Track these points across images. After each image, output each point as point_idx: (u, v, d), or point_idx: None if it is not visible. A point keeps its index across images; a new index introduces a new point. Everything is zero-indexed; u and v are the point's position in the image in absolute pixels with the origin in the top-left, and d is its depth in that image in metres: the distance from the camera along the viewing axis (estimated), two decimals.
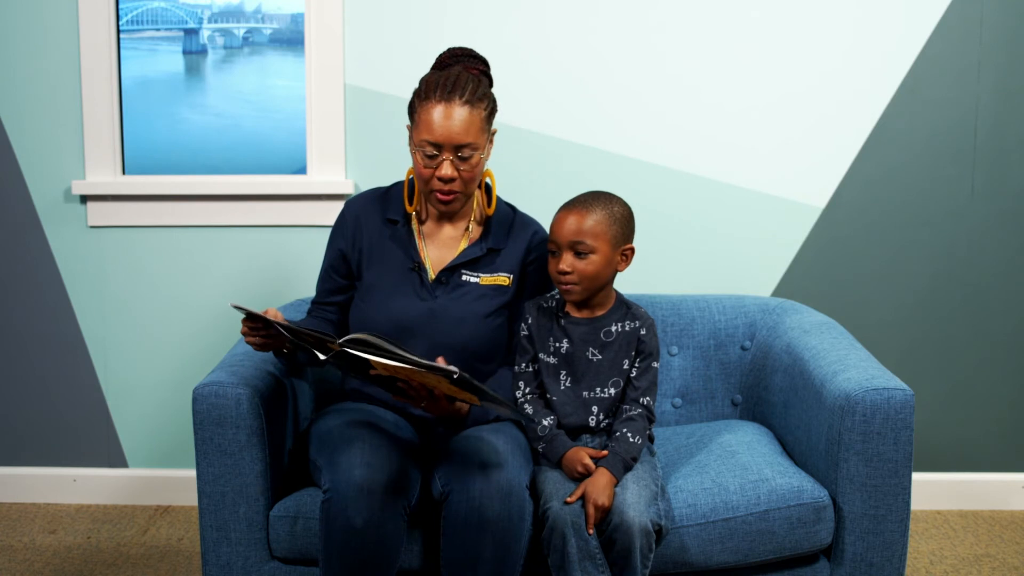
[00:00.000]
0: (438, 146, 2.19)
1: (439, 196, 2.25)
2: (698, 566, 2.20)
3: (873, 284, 3.11)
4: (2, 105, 3.07)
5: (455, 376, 1.96)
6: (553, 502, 2.09)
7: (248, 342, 2.17)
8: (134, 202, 3.09)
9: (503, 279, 2.33)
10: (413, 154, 2.24)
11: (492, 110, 2.27)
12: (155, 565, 2.82)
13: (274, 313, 2.14)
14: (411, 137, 2.26)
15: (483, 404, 2.09)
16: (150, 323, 3.15)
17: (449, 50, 2.34)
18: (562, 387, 2.26)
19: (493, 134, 2.30)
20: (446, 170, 2.20)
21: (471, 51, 2.34)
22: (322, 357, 2.04)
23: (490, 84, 2.33)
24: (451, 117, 2.18)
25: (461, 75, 2.24)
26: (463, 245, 2.34)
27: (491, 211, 2.35)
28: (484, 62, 2.34)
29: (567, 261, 2.20)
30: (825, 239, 3.09)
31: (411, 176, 2.36)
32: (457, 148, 2.20)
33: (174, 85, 3.12)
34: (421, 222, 2.37)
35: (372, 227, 2.36)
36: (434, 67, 2.33)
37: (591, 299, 2.26)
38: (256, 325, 2.13)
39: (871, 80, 3.03)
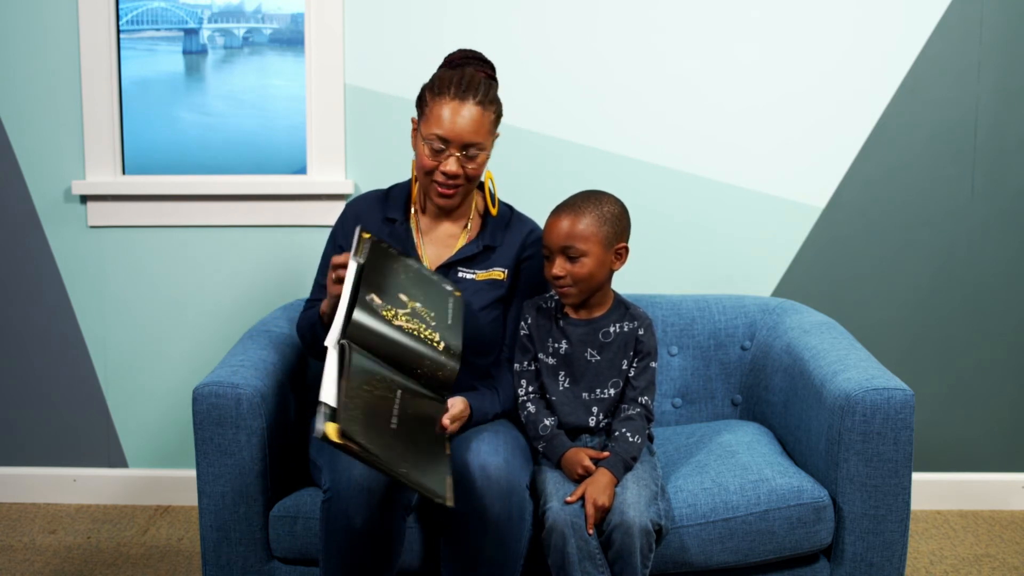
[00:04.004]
0: (446, 141, 2.21)
1: (439, 190, 2.26)
2: (698, 566, 2.20)
3: (873, 284, 3.11)
4: (2, 105, 3.07)
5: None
6: (553, 502, 2.09)
7: (332, 285, 2.12)
8: (134, 202, 3.09)
9: (498, 274, 2.34)
10: (418, 146, 2.26)
11: (499, 115, 2.30)
12: (155, 565, 2.82)
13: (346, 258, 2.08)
14: (418, 129, 2.28)
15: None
16: (150, 323, 3.15)
17: (460, 51, 2.36)
18: (561, 387, 2.26)
19: (495, 137, 2.32)
20: (451, 166, 2.22)
21: (481, 55, 2.37)
22: (329, 340, 1.94)
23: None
24: (463, 115, 2.21)
25: (475, 76, 2.26)
26: (460, 243, 2.35)
27: (495, 212, 2.36)
28: (492, 67, 2.37)
29: (559, 265, 2.20)
30: (825, 239, 3.09)
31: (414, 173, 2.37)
32: (464, 146, 2.22)
33: (174, 85, 3.12)
34: (420, 219, 2.37)
35: (372, 226, 2.36)
36: (443, 65, 2.35)
37: (589, 300, 2.26)
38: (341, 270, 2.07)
39: (871, 80, 3.03)
